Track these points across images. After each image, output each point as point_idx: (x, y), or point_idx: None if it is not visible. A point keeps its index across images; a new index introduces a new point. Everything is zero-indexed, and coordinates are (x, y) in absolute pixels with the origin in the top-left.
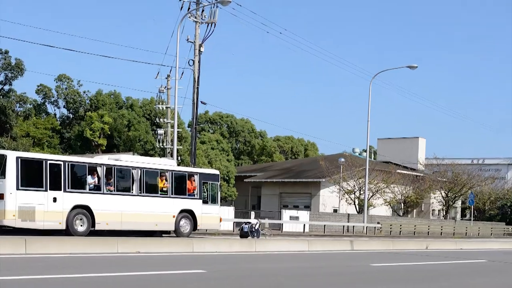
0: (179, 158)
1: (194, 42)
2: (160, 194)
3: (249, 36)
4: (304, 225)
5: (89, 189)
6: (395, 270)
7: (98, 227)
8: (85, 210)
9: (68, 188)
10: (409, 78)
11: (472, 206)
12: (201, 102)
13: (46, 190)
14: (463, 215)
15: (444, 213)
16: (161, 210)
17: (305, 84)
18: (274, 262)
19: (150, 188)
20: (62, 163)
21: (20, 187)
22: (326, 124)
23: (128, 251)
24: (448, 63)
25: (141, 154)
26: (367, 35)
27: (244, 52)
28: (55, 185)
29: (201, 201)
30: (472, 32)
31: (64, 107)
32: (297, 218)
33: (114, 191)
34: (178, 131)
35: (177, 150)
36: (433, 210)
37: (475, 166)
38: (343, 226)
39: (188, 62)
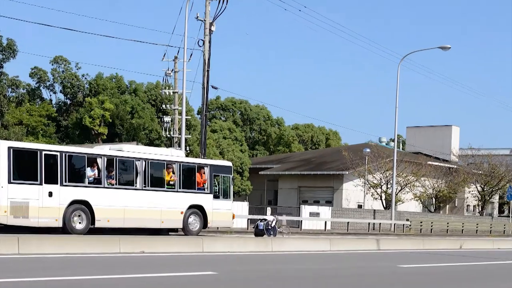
0: (187, 148)
1: (204, 20)
2: (167, 188)
3: (265, 14)
4: (326, 222)
5: (89, 183)
6: (425, 272)
7: (98, 224)
8: (84, 206)
9: (65, 181)
10: (441, 61)
11: (511, 202)
12: (212, 86)
13: (40, 184)
14: (500, 211)
15: (480, 209)
16: (168, 206)
17: (327, 68)
18: (292, 263)
19: (156, 182)
20: (58, 154)
21: (12, 180)
22: (349, 111)
23: (131, 251)
24: (485, 44)
25: (146, 144)
26: (395, 14)
27: (260, 32)
28: (51, 178)
29: (211, 195)
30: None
31: (60, 92)
32: (317, 214)
33: (116, 184)
34: (186, 119)
35: (186, 139)
36: (467, 205)
37: None
38: (369, 224)
39: (198, 43)
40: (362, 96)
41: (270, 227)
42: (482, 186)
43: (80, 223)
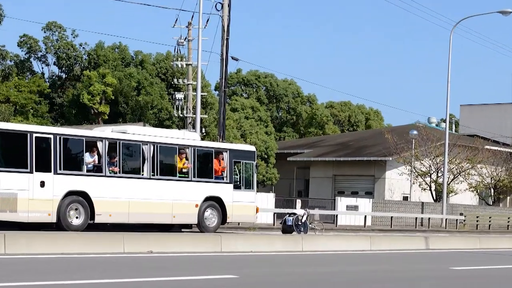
0: (203, 130)
1: None
2: (179, 177)
3: None
4: (365, 217)
5: (87, 171)
6: (481, 275)
7: (98, 219)
8: (82, 198)
9: (60, 169)
10: (502, 28)
11: None
12: (232, 57)
13: (31, 172)
14: None
15: None
16: (180, 198)
17: (366, 37)
18: (326, 265)
19: (166, 169)
20: (52, 136)
21: None
22: (393, 87)
23: (137, 250)
24: None
25: (155, 125)
26: None
27: None
28: (43, 165)
29: (232, 185)
30: None
31: (54, 64)
32: (355, 207)
33: (120, 173)
34: (202, 96)
35: (201, 119)
36: None
37: None
38: (416, 219)
39: (215, 6)
40: (409, 70)
41: (300, 223)
42: None
43: (77, 218)
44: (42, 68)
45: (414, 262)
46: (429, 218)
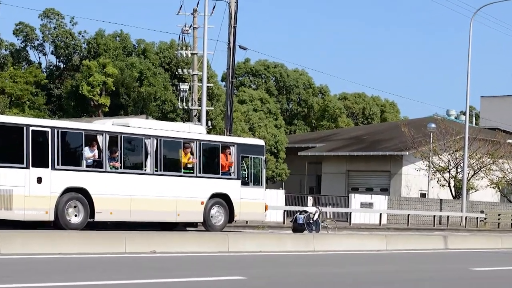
0: (209, 123)
1: None
2: (184, 172)
3: None
4: (380, 215)
5: (87, 166)
6: (501, 276)
7: (98, 217)
8: (81, 195)
9: (58, 164)
10: None
11: None
12: (240, 46)
13: (27, 167)
14: None
15: None
16: (185, 195)
17: (380, 26)
18: (339, 265)
19: (170, 165)
20: (49, 130)
21: None
22: (410, 78)
23: (139, 250)
24: None
25: (158, 118)
26: None
27: None
28: (40, 161)
29: (239, 182)
30: None
31: (52, 53)
32: (370, 205)
33: (121, 168)
34: (208, 87)
35: (207, 112)
36: None
37: None
38: (434, 217)
39: None
40: (426, 60)
41: (311, 221)
42: None
43: (76, 216)
44: (39, 57)
45: (431, 263)
46: (448, 216)
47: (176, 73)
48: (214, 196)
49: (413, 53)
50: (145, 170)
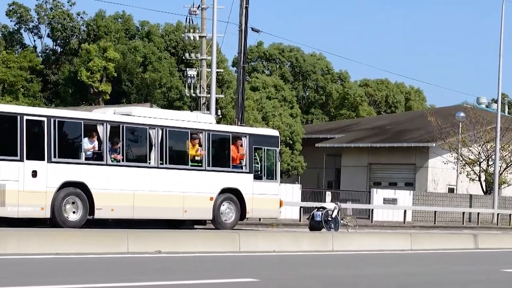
0: (219, 112)
1: None
2: (192, 165)
3: None
4: (405, 211)
5: (86, 159)
6: None
7: (99, 214)
8: (80, 190)
9: (55, 156)
10: None
11: None
12: (252, 29)
13: (21, 160)
14: None
15: None
16: (193, 190)
17: (405, 7)
18: (360, 266)
19: (177, 157)
20: (45, 119)
21: None
22: (437, 63)
23: (143, 250)
24: None
25: (163, 106)
26: None
27: None
28: (35, 153)
29: (251, 176)
30: None
31: (48, 36)
32: (394, 201)
33: (123, 161)
34: (218, 72)
35: (217, 100)
36: None
37: None
38: (463, 214)
39: None
40: (455, 44)
41: (330, 218)
42: None
43: (74, 213)
44: (34, 41)
45: (460, 264)
46: (478, 213)
47: (183, 57)
48: (224, 191)
49: (440, 36)
50: (149, 163)
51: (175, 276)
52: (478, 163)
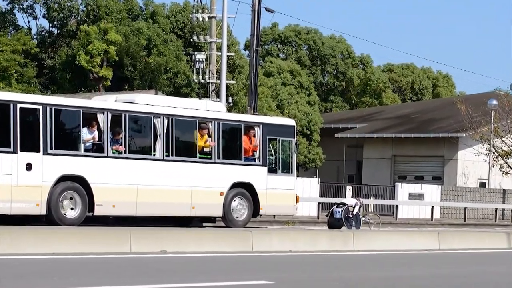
0: (230, 99)
1: None
2: (200, 158)
3: None
4: (432, 208)
5: (85, 150)
6: None
7: (99, 211)
8: (79, 184)
9: (51, 148)
10: None
11: None
12: (266, 9)
13: (14, 152)
14: None
15: None
16: (201, 184)
17: None
18: (384, 268)
19: (184, 149)
20: (40, 107)
21: None
22: (467, 47)
23: (148, 250)
24: None
25: (169, 94)
26: None
27: None
28: (30, 144)
29: (265, 169)
30: None
31: (44, 17)
32: (420, 196)
33: (125, 153)
34: (228, 56)
35: (227, 86)
36: None
37: None
38: (496, 210)
39: None
40: (486, 26)
41: (351, 215)
42: None
43: (72, 209)
44: (29, 22)
45: (493, 264)
46: None
47: (191, 40)
48: (235, 185)
49: (471, 18)
50: (154, 155)
51: (181, 278)
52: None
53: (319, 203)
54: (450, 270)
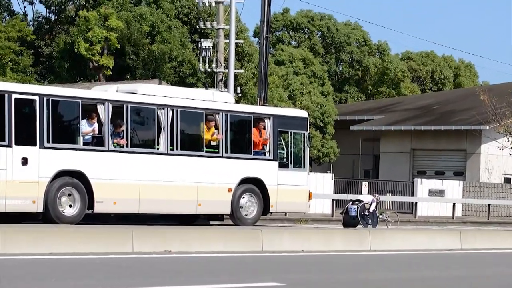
0: (238, 89)
1: None
2: (207, 152)
3: None
4: (454, 205)
5: (84, 144)
6: None
7: (99, 208)
8: (77, 180)
9: (48, 141)
10: None
11: None
12: None
13: (9, 146)
14: None
15: None
16: (208, 180)
17: None
18: (402, 269)
19: (189, 142)
20: (37, 98)
21: None
22: (490, 34)
23: (151, 249)
24: None
25: (174, 83)
26: None
27: None
28: (26, 137)
29: (276, 163)
30: None
31: (41, 2)
32: (441, 192)
33: (127, 146)
34: (237, 44)
35: (236, 76)
36: None
37: None
38: None
39: None
40: (511, 11)
41: (367, 213)
42: None
43: (71, 206)
44: (25, 7)
45: None
46: None
47: (197, 26)
48: (244, 181)
49: (494, 2)
50: (158, 149)
51: (187, 279)
52: None
53: (333, 200)
54: (473, 272)
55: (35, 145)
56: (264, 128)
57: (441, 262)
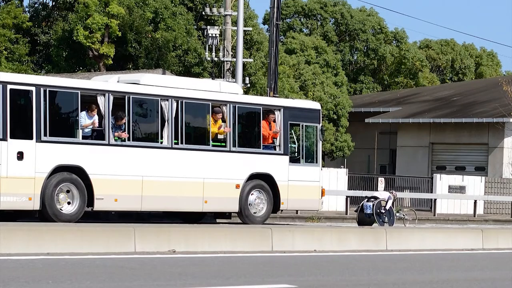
0: (247, 80)
1: None
2: (213, 146)
3: None
4: (475, 202)
5: (83, 137)
6: None
7: (99, 205)
8: (76, 175)
9: (45, 135)
10: None
11: None
12: None
13: (4, 139)
14: None
15: None
16: (215, 176)
17: None
18: (420, 270)
19: (195, 135)
20: (33, 89)
21: None
22: None
23: (154, 249)
24: None
25: (179, 73)
26: None
27: None
28: (21, 130)
29: (287, 158)
30: None
31: None
32: (461, 189)
33: (129, 140)
34: (245, 31)
35: (244, 65)
36: None
37: None
38: None
39: None
40: None
41: (383, 211)
42: None
43: (69, 203)
44: None
45: None
46: None
47: (203, 13)
48: (253, 177)
49: None
50: (161, 142)
51: (192, 281)
52: None
53: (347, 196)
54: (496, 274)
55: (31, 138)
56: (274, 121)
57: (462, 263)
